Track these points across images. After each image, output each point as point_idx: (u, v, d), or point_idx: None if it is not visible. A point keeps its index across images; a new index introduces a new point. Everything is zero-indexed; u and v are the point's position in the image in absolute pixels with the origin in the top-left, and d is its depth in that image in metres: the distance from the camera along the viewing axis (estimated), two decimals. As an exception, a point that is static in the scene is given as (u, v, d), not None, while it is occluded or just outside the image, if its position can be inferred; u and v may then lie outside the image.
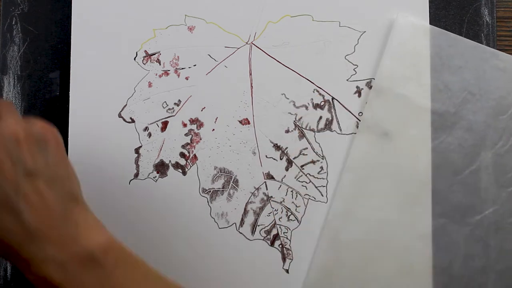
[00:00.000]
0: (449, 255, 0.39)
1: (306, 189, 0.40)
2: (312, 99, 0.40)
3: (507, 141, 0.40)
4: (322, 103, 0.40)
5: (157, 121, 0.40)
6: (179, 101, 0.40)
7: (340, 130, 0.40)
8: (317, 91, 0.40)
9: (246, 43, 0.40)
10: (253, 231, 0.40)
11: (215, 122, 0.40)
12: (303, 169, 0.40)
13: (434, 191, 0.39)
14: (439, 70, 0.40)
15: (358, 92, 0.40)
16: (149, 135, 0.40)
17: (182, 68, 0.40)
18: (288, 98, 0.40)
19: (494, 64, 0.40)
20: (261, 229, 0.40)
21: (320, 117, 0.40)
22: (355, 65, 0.40)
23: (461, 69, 0.40)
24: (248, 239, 0.40)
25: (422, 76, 0.40)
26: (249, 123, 0.40)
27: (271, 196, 0.40)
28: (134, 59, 0.40)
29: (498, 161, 0.40)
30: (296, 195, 0.40)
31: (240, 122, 0.40)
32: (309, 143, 0.40)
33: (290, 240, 0.40)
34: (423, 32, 0.40)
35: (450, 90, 0.40)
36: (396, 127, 0.39)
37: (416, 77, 0.39)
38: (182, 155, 0.40)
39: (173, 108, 0.40)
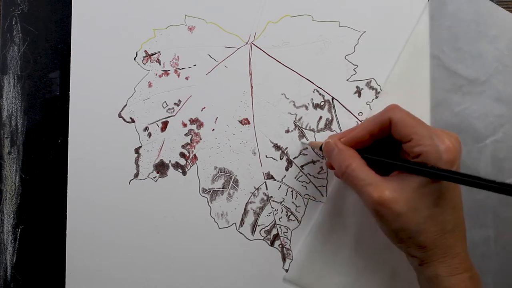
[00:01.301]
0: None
1: (306, 189, 0.40)
2: (312, 99, 0.40)
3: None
4: (322, 103, 0.40)
5: (157, 121, 0.40)
6: (179, 101, 0.40)
7: (340, 130, 0.40)
8: (317, 91, 0.40)
9: (246, 43, 0.40)
10: (253, 231, 0.40)
11: (215, 122, 0.40)
12: (303, 169, 0.40)
13: None
14: (475, 37, 0.39)
15: (358, 92, 0.40)
16: (149, 135, 0.40)
17: (182, 68, 0.40)
18: (288, 98, 0.40)
19: None
20: (261, 229, 0.40)
21: (320, 117, 0.40)
22: (355, 65, 0.40)
23: (497, 39, 0.39)
24: (248, 239, 0.40)
25: (458, 41, 0.39)
26: (249, 123, 0.40)
27: (271, 196, 0.40)
28: (134, 59, 0.40)
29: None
30: (296, 195, 0.40)
31: (240, 122, 0.40)
32: (309, 143, 0.40)
33: (290, 240, 0.40)
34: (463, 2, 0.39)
35: (483, 58, 0.39)
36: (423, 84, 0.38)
37: (450, 40, 0.39)
38: (182, 155, 0.40)
39: (173, 108, 0.40)
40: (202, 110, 0.40)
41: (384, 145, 0.35)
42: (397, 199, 0.31)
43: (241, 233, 0.40)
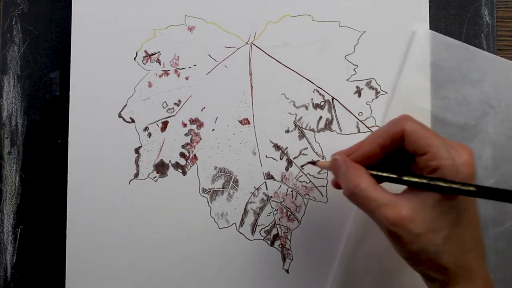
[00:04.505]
0: None
1: (306, 189, 0.40)
2: (312, 99, 0.40)
3: None
4: (322, 103, 0.40)
5: (157, 121, 0.40)
6: (179, 101, 0.40)
7: (340, 130, 0.40)
8: (317, 91, 0.40)
9: (246, 43, 0.40)
10: (253, 231, 0.40)
11: (215, 122, 0.40)
12: (303, 169, 0.40)
13: None
14: (459, 83, 0.40)
15: (358, 92, 0.40)
16: (149, 135, 0.40)
17: (182, 68, 0.40)
18: (288, 98, 0.40)
19: None
20: (261, 229, 0.40)
21: (320, 117, 0.40)
22: (355, 65, 0.40)
23: (481, 82, 0.40)
24: (248, 239, 0.40)
25: (442, 88, 0.39)
26: (249, 123, 0.40)
27: (271, 196, 0.40)
28: (134, 59, 0.40)
29: None
30: (296, 195, 0.40)
31: (240, 122, 0.40)
32: (309, 143, 0.40)
33: (290, 240, 0.40)
34: (443, 45, 0.40)
35: (470, 103, 0.39)
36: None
37: (436, 90, 0.39)
38: (182, 155, 0.40)
39: (173, 108, 0.40)
40: (202, 110, 0.40)
41: (392, 160, 0.33)
42: (414, 219, 0.29)
43: (241, 233, 0.40)
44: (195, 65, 0.40)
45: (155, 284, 0.39)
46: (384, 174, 0.31)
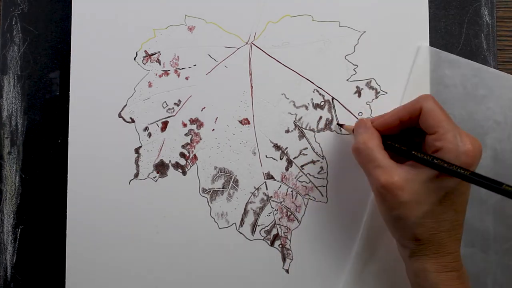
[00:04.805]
0: (477, 284, 0.39)
1: (306, 189, 0.40)
2: (312, 99, 0.40)
3: None
4: (322, 103, 0.40)
5: (157, 121, 0.40)
6: (179, 101, 0.40)
7: (340, 130, 0.40)
8: (317, 91, 0.40)
9: (246, 43, 0.40)
10: (253, 231, 0.40)
11: (215, 122, 0.40)
12: (303, 169, 0.40)
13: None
14: (463, 100, 0.39)
15: (358, 92, 0.40)
16: (149, 135, 0.40)
17: (182, 68, 0.40)
18: (288, 98, 0.40)
19: None
20: (261, 229, 0.40)
21: (320, 117, 0.40)
22: (355, 65, 0.40)
23: (486, 98, 0.40)
24: (248, 239, 0.40)
25: (446, 105, 0.39)
26: (249, 123, 0.40)
27: (271, 196, 0.40)
28: (134, 59, 0.40)
29: None
30: (296, 195, 0.40)
31: (240, 122, 0.40)
32: (309, 143, 0.40)
33: (290, 240, 0.40)
34: (447, 61, 0.40)
35: (475, 120, 0.39)
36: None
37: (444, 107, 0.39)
38: (182, 155, 0.40)
39: (173, 108, 0.40)
40: (202, 110, 0.40)
41: (410, 138, 0.35)
42: (403, 187, 0.31)
43: (241, 233, 0.40)
44: (195, 65, 0.40)
45: (155, 284, 0.39)
46: (396, 145, 0.34)
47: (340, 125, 0.39)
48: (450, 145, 0.31)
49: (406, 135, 0.36)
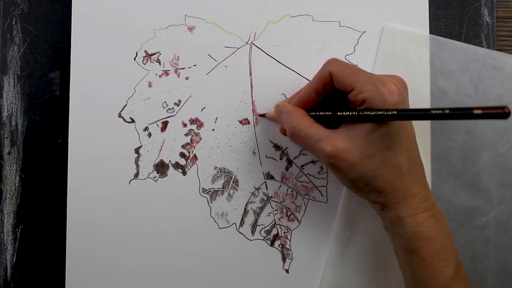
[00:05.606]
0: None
1: (306, 189, 0.40)
2: (312, 99, 0.40)
3: (508, 140, 0.40)
4: (322, 103, 0.40)
5: (157, 121, 0.40)
6: (179, 101, 0.40)
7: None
8: (317, 91, 0.40)
9: (246, 43, 0.40)
10: (253, 231, 0.40)
11: (215, 122, 0.40)
12: (303, 169, 0.40)
13: (437, 196, 0.39)
14: (433, 76, 0.40)
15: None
16: (149, 135, 0.40)
17: (182, 68, 0.40)
18: (288, 98, 0.40)
19: (489, 64, 0.40)
20: (261, 229, 0.40)
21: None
22: (355, 65, 0.40)
23: (456, 73, 0.40)
24: (248, 239, 0.40)
25: (417, 82, 0.40)
26: (249, 123, 0.40)
27: (271, 196, 0.40)
28: (134, 59, 0.40)
29: (500, 161, 0.40)
30: (296, 195, 0.40)
31: (240, 122, 0.40)
32: (309, 143, 0.40)
33: (290, 240, 0.40)
34: (413, 38, 0.40)
35: (446, 95, 0.40)
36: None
37: (412, 85, 0.39)
38: (182, 155, 0.40)
39: (173, 108, 0.40)
40: (202, 110, 0.40)
41: (335, 101, 0.35)
42: (349, 149, 0.31)
43: (241, 233, 0.40)
44: (195, 65, 0.40)
45: (155, 284, 0.39)
46: (321, 113, 0.34)
47: (262, 115, 0.39)
48: (372, 93, 0.31)
49: (328, 102, 0.35)
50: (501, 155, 0.40)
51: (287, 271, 0.40)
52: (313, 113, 0.34)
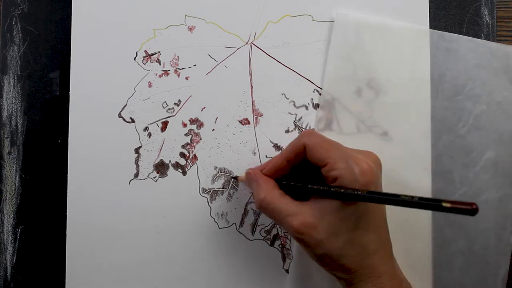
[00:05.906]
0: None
1: (306, 189, 0.40)
2: (312, 99, 0.40)
3: (466, 121, 0.40)
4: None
5: (157, 121, 0.40)
6: (179, 101, 0.40)
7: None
8: (317, 91, 0.40)
9: (246, 43, 0.40)
10: (253, 231, 0.40)
11: (215, 122, 0.40)
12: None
13: (400, 182, 0.39)
14: (391, 65, 0.40)
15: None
16: (149, 135, 0.40)
17: (182, 68, 0.40)
18: (288, 98, 0.40)
19: (442, 46, 0.40)
20: (261, 229, 0.40)
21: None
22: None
23: (409, 58, 0.40)
24: (248, 239, 0.40)
25: (371, 71, 0.39)
26: (249, 123, 0.40)
27: (271, 196, 0.40)
28: (134, 59, 0.40)
29: (460, 142, 0.39)
30: (296, 195, 0.40)
31: (240, 122, 0.40)
32: (309, 143, 0.40)
33: (290, 240, 0.40)
34: (367, 26, 0.40)
35: (402, 80, 0.40)
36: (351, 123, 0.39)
37: (366, 74, 0.39)
38: (182, 155, 0.40)
39: (173, 108, 0.40)
40: (202, 110, 0.40)
41: (308, 172, 0.35)
42: (316, 226, 0.31)
43: (241, 233, 0.40)
44: (195, 65, 0.40)
45: (155, 284, 0.39)
46: (291, 183, 0.34)
47: (235, 178, 0.39)
48: (344, 172, 0.31)
49: (300, 172, 0.35)
50: (461, 137, 0.39)
51: (287, 271, 0.40)
52: (284, 182, 0.34)
